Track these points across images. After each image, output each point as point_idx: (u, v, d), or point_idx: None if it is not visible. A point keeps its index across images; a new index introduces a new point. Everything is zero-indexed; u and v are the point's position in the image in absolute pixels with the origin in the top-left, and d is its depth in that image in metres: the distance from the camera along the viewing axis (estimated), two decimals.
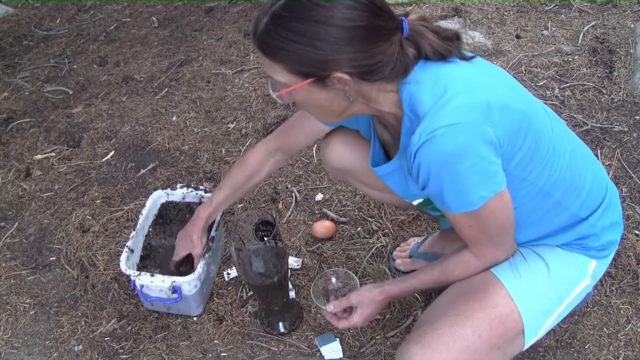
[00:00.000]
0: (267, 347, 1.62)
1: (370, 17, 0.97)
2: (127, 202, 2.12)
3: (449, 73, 1.04)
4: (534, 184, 1.12)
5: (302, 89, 1.03)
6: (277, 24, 0.97)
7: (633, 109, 2.19)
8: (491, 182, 1.03)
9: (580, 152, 1.23)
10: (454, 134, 0.97)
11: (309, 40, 0.96)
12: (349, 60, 0.98)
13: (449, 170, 1.00)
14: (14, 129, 2.59)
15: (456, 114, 0.98)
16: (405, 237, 1.84)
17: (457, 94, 0.99)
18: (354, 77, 1.00)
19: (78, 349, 1.69)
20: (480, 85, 1.03)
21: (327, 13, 0.95)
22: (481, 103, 0.99)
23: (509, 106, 1.02)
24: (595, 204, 1.22)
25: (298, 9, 0.96)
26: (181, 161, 2.26)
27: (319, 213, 1.97)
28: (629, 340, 1.52)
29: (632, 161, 1.99)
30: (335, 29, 0.95)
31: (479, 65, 1.09)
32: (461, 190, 1.03)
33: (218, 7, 3.25)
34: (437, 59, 1.05)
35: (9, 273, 1.94)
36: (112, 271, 1.87)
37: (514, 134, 1.03)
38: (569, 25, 2.64)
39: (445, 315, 1.14)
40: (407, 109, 1.04)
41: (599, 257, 1.25)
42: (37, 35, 3.32)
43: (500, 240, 1.15)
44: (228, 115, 2.45)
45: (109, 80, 2.82)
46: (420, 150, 1.00)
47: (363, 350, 1.58)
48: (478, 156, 0.99)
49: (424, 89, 1.02)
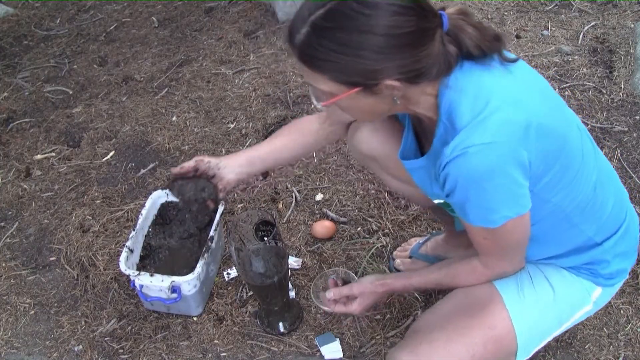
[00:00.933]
0: (267, 347, 1.62)
1: (417, 20, 0.93)
2: (127, 202, 2.12)
3: (492, 85, 1.00)
4: (556, 206, 1.10)
5: (348, 96, 0.99)
6: (319, 35, 0.93)
7: (633, 109, 2.19)
8: (516, 204, 1.02)
9: (606, 175, 1.20)
10: (487, 153, 0.95)
11: (355, 50, 0.92)
12: (397, 67, 0.94)
13: (476, 186, 0.98)
14: (14, 129, 2.59)
15: (493, 132, 0.95)
16: (405, 237, 1.84)
17: (497, 110, 0.96)
18: (402, 82, 0.97)
19: (78, 349, 1.69)
20: (522, 102, 0.99)
21: (372, 22, 0.91)
22: (520, 122, 0.96)
23: (547, 127, 1.00)
24: (612, 229, 1.19)
25: (341, 18, 0.91)
26: (181, 161, 2.26)
27: (319, 213, 1.97)
28: (629, 340, 1.52)
29: (632, 161, 1.99)
30: (382, 37, 0.91)
31: (521, 75, 1.05)
32: (485, 207, 1.01)
33: (218, 7, 3.25)
34: (479, 54, 1.00)
35: (9, 273, 1.94)
36: (112, 271, 1.87)
37: (547, 157, 1.01)
38: (569, 25, 2.63)
39: (443, 327, 1.14)
40: (444, 116, 1.01)
41: (605, 285, 1.22)
42: (37, 35, 3.32)
43: (511, 255, 1.15)
44: (228, 115, 2.45)
45: (109, 80, 2.82)
46: (451, 164, 0.98)
47: (363, 350, 1.58)
48: (508, 177, 0.97)
49: (464, 100, 0.98)
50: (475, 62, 1.01)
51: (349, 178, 2.07)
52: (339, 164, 2.13)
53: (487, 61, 1.01)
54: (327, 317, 1.66)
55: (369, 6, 0.91)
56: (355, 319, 1.65)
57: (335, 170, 2.11)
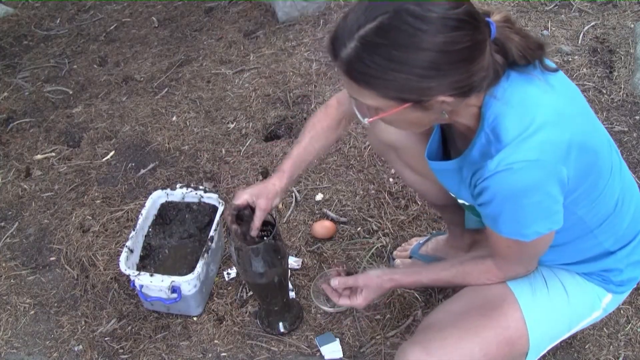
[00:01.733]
0: (267, 347, 1.62)
1: (473, 34, 0.89)
2: (127, 202, 2.12)
3: (537, 100, 0.98)
4: (581, 219, 1.10)
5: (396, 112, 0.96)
6: (371, 52, 0.88)
7: (633, 109, 2.19)
8: (550, 221, 1.02)
9: (628, 190, 1.20)
10: (531, 170, 0.95)
11: (410, 68, 0.88)
12: (452, 83, 0.91)
13: (515, 201, 0.98)
14: (14, 129, 2.59)
15: (539, 150, 0.94)
16: (405, 237, 1.84)
17: (543, 127, 0.95)
18: (455, 97, 0.94)
19: (78, 349, 1.69)
20: (565, 119, 0.98)
21: (429, 38, 0.86)
22: (564, 141, 0.96)
23: (586, 145, 1.00)
24: (627, 239, 1.19)
25: (394, 34, 0.87)
26: (181, 161, 2.26)
27: (319, 213, 1.96)
28: (629, 340, 1.52)
29: (632, 161, 1.99)
30: (437, 54, 0.87)
31: (562, 90, 1.03)
32: (519, 222, 1.01)
33: (218, 7, 3.25)
34: (524, 63, 0.98)
35: (9, 273, 1.94)
36: (112, 271, 1.87)
37: (583, 174, 1.02)
38: (569, 25, 2.63)
39: (456, 325, 1.13)
40: (487, 127, 0.99)
41: (616, 292, 1.23)
42: (37, 35, 3.32)
43: (527, 261, 1.16)
44: (228, 115, 2.45)
45: (109, 80, 2.82)
46: (494, 177, 0.97)
47: (363, 350, 1.58)
48: (547, 194, 0.97)
49: (511, 113, 0.97)
50: (519, 72, 1.00)
51: (349, 178, 2.07)
52: (339, 164, 2.13)
53: (530, 70, 1.00)
54: (327, 317, 1.66)
55: (425, 21, 0.86)
56: (355, 319, 1.65)
57: (335, 170, 2.11)
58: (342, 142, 2.19)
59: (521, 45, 0.97)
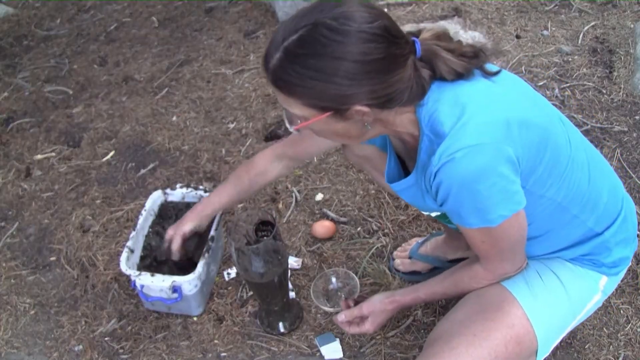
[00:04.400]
0: (267, 347, 1.62)
1: (387, 47, 0.95)
2: (127, 202, 2.12)
3: (466, 91, 1.02)
4: (551, 200, 1.11)
5: (319, 121, 1.01)
6: (292, 61, 0.95)
7: (633, 109, 2.19)
8: (511, 202, 1.03)
9: (597, 163, 1.21)
10: (475, 155, 0.96)
11: (327, 76, 0.94)
12: (367, 92, 0.96)
13: (469, 189, 0.99)
14: (14, 129, 2.59)
15: (476, 134, 0.97)
16: (405, 237, 1.84)
17: (475, 112, 0.98)
18: (373, 108, 0.99)
19: (78, 349, 1.69)
20: (498, 101, 1.02)
21: (344, 49, 0.92)
22: (500, 120, 0.98)
23: (528, 121, 1.02)
24: (611, 218, 1.21)
25: (313, 45, 0.93)
26: (181, 161, 2.26)
27: (319, 213, 1.97)
28: (629, 340, 1.52)
29: (632, 161, 1.99)
30: (353, 64, 0.93)
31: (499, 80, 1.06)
32: (480, 209, 1.02)
33: (218, 7, 3.25)
34: (454, 78, 1.02)
35: (9, 273, 1.94)
36: (112, 271, 1.87)
37: (533, 151, 1.03)
38: (569, 25, 2.64)
39: (462, 333, 1.14)
40: (426, 129, 1.03)
41: (610, 274, 1.24)
42: (37, 35, 3.32)
43: (510, 256, 1.15)
44: (228, 115, 2.45)
45: (109, 80, 2.82)
46: (441, 171, 0.99)
47: (363, 350, 1.58)
48: (499, 175, 0.98)
49: (442, 109, 1.00)
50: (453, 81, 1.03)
51: (349, 178, 2.07)
52: (339, 164, 2.13)
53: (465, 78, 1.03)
54: (327, 317, 1.66)
55: (340, 33, 0.92)
56: None
57: (335, 170, 2.11)
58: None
59: (450, 60, 1.01)
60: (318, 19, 0.94)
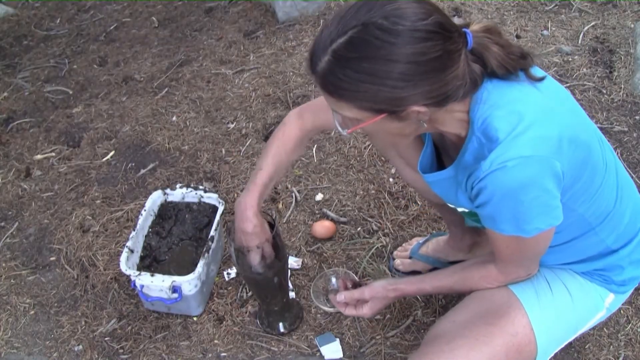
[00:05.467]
0: (267, 347, 1.62)
1: (442, 44, 0.90)
2: (127, 202, 2.12)
3: (524, 100, 1.00)
4: (581, 215, 1.11)
5: (374, 122, 0.98)
6: (342, 65, 0.91)
7: (633, 109, 2.19)
8: (550, 216, 1.02)
9: (625, 185, 1.21)
10: (526, 167, 0.95)
11: (381, 80, 0.90)
12: (424, 93, 0.92)
13: (513, 198, 0.99)
14: (14, 129, 2.59)
15: (530, 146, 0.95)
16: (405, 237, 1.84)
17: (532, 124, 0.96)
18: (429, 107, 0.95)
19: (78, 349, 1.69)
20: (554, 115, 1.00)
21: (398, 50, 0.88)
22: (554, 135, 0.97)
23: (577, 139, 1.01)
24: (629, 236, 1.20)
25: (365, 48, 0.89)
26: (181, 161, 2.26)
27: (319, 213, 1.97)
28: (629, 341, 1.52)
29: (632, 161, 1.99)
30: (408, 65, 0.89)
31: (548, 91, 1.05)
32: (518, 219, 1.02)
33: (218, 7, 3.25)
34: (504, 73, 0.99)
35: (9, 273, 1.94)
36: (112, 271, 1.87)
37: (577, 168, 1.02)
38: (569, 25, 2.63)
39: (464, 335, 1.13)
40: (477, 131, 1.01)
41: (617, 291, 1.23)
42: (37, 35, 3.32)
43: (528, 263, 1.16)
44: (228, 115, 2.45)
45: (109, 80, 2.82)
46: (489, 177, 0.98)
47: (363, 350, 1.58)
48: (543, 189, 0.98)
49: (498, 115, 0.98)
50: (503, 79, 1.01)
51: (349, 178, 2.07)
52: (339, 164, 2.13)
53: (514, 78, 1.01)
54: (327, 317, 1.66)
55: (393, 34, 0.88)
56: (355, 319, 1.65)
57: (335, 170, 2.11)
58: (342, 142, 2.19)
59: (500, 55, 0.98)
60: (368, 18, 0.89)
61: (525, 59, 1.02)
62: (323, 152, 2.18)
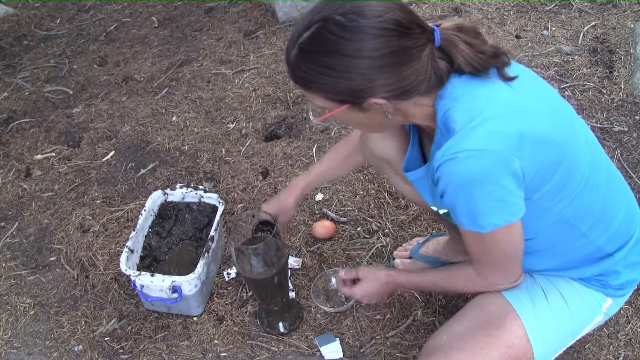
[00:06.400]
0: (267, 347, 1.62)
1: (398, 40, 0.94)
2: (127, 202, 2.12)
3: (489, 95, 1.00)
4: (559, 215, 1.09)
5: (340, 112, 1.04)
6: (306, 59, 0.98)
7: (633, 109, 2.19)
8: (506, 212, 1.01)
9: (617, 185, 1.20)
10: (477, 160, 0.95)
11: (339, 73, 0.96)
12: (382, 86, 0.97)
13: (465, 192, 0.99)
14: (14, 129, 2.59)
15: (485, 139, 0.95)
16: (405, 237, 1.84)
17: (491, 118, 0.97)
18: (390, 100, 1.00)
19: (78, 349, 1.69)
20: (519, 112, 0.99)
21: (354, 46, 0.93)
22: (514, 132, 0.96)
23: (544, 138, 1.00)
24: (622, 240, 1.18)
25: (324, 43, 0.95)
26: (181, 161, 2.26)
27: (319, 213, 1.97)
28: (629, 341, 1.52)
29: (632, 161, 1.99)
30: (364, 60, 0.94)
31: (526, 90, 1.04)
32: (473, 212, 1.01)
33: (218, 7, 3.25)
34: (471, 71, 1.01)
35: (9, 273, 1.94)
36: (112, 271, 1.87)
37: (544, 167, 1.01)
38: (569, 25, 2.64)
39: (461, 348, 1.13)
40: (440, 123, 1.03)
41: (615, 295, 1.22)
42: (37, 35, 3.32)
43: (502, 267, 1.14)
44: (228, 115, 2.45)
45: (109, 80, 2.82)
46: (443, 167, 0.99)
47: (363, 350, 1.58)
48: (498, 185, 0.97)
49: (459, 107, 1.00)
50: (472, 76, 1.02)
51: (349, 178, 2.07)
52: None
53: (484, 75, 1.02)
54: (327, 317, 1.66)
55: (349, 30, 0.93)
56: (355, 319, 1.65)
57: None
58: None
59: (467, 53, 1.00)
60: (328, 14, 0.95)
61: (498, 57, 1.02)
62: (323, 152, 2.18)
